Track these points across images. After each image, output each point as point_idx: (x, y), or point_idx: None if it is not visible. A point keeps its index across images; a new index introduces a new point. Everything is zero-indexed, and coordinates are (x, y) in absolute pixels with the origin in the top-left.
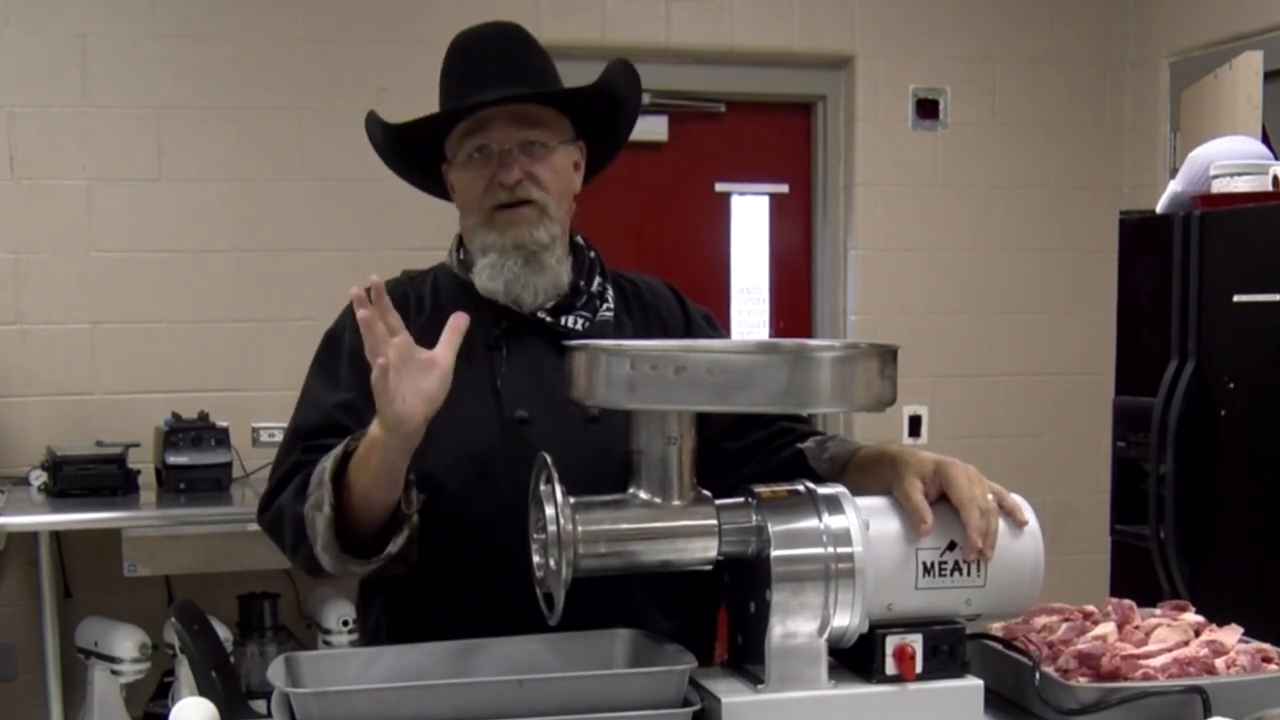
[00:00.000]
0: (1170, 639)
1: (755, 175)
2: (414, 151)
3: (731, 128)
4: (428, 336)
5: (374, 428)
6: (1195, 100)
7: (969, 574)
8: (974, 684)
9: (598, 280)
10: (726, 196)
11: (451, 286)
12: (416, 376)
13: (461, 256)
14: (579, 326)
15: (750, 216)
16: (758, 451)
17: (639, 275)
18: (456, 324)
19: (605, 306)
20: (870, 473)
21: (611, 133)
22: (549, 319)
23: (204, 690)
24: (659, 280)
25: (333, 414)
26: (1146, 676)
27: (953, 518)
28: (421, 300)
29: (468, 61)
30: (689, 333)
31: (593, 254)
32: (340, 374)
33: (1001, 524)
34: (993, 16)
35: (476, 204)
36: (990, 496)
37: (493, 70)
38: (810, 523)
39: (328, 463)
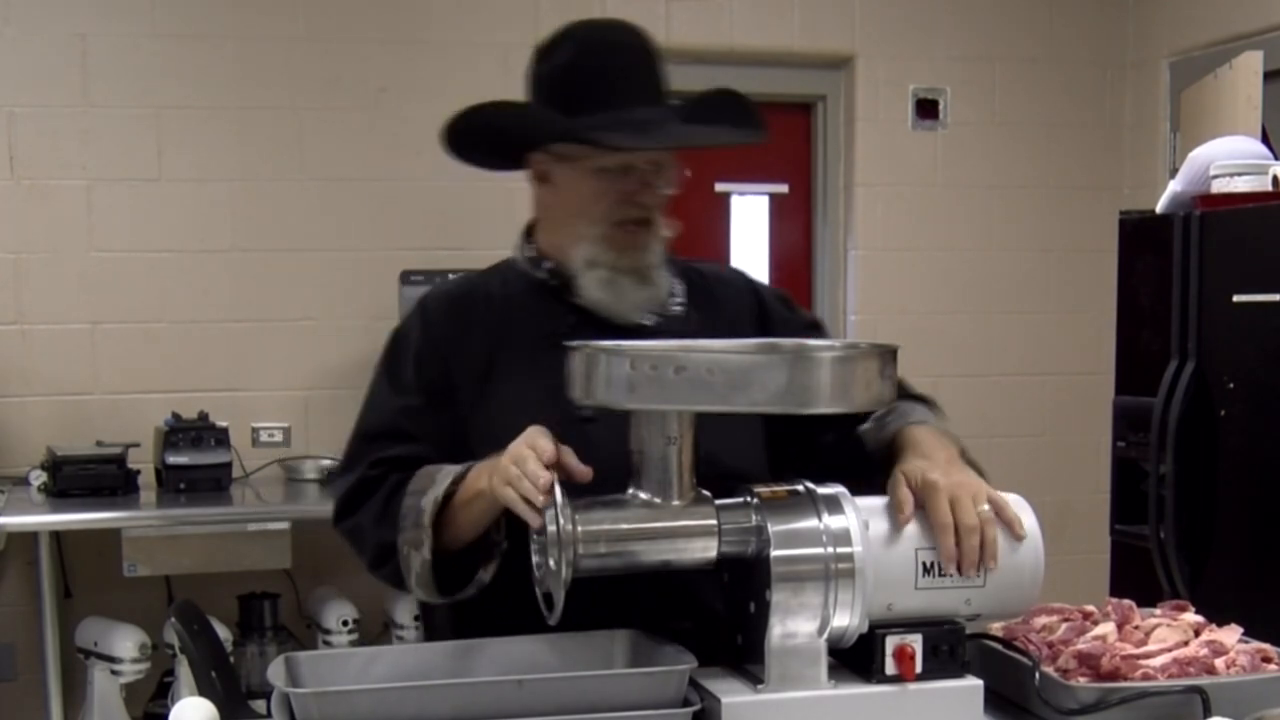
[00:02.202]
0: (1170, 639)
1: (755, 175)
2: (499, 137)
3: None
4: (493, 331)
5: (483, 482)
6: (1195, 100)
7: (969, 574)
8: (974, 684)
9: (667, 275)
10: (726, 196)
11: (520, 283)
12: None
13: (531, 254)
14: (648, 323)
15: (750, 216)
16: (839, 420)
17: (708, 264)
18: (580, 473)
19: (675, 301)
20: (893, 461)
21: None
22: (623, 322)
23: (204, 690)
24: (730, 268)
25: (397, 419)
26: (1146, 676)
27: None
28: (490, 298)
29: (610, 69)
30: (763, 317)
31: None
32: (405, 376)
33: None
34: (993, 16)
35: (600, 215)
36: (986, 508)
37: (640, 86)
38: (810, 523)
39: (427, 505)
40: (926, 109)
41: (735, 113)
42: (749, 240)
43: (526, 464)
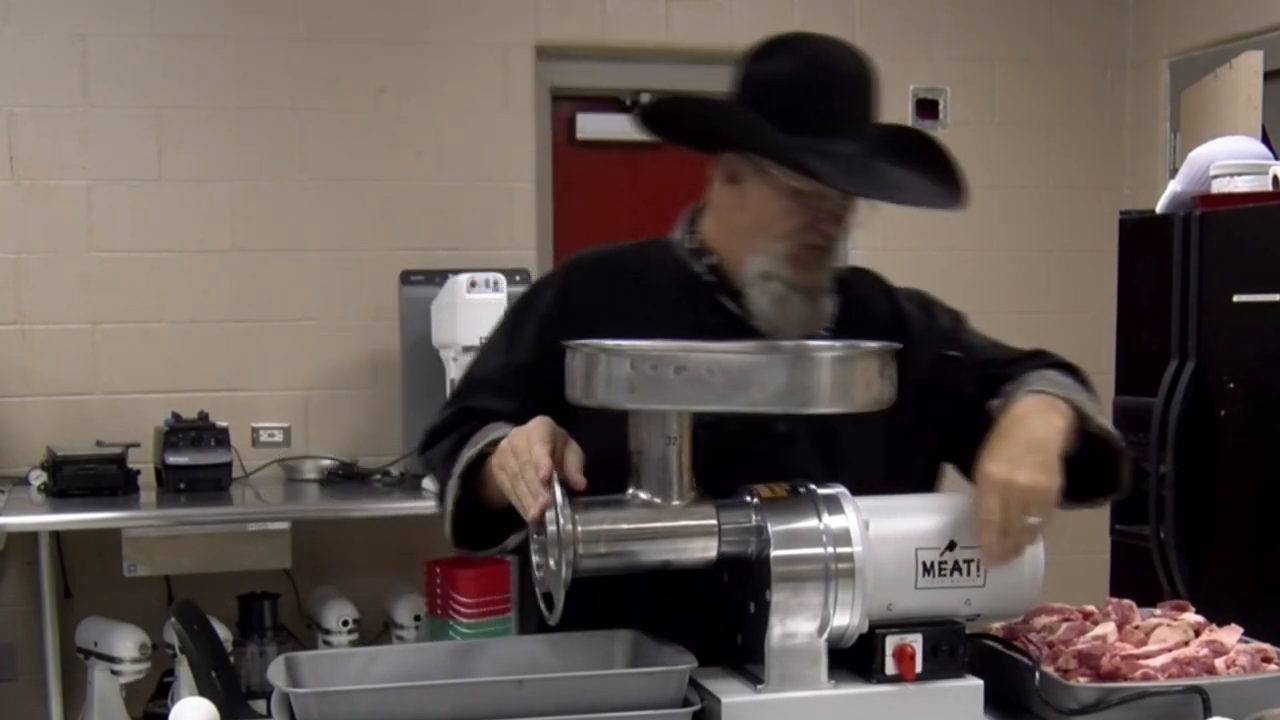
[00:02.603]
0: (1170, 639)
1: None
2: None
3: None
4: (629, 308)
5: (494, 467)
6: (1195, 100)
7: (969, 574)
8: (974, 684)
9: (833, 304)
10: None
11: (673, 269)
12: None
13: (694, 246)
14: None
15: None
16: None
17: (852, 274)
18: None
19: (825, 327)
20: None
21: None
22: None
23: (204, 690)
24: (867, 277)
25: (502, 373)
26: (1146, 676)
27: (956, 517)
28: (639, 276)
29: (829, 97)
30: (903, 333)
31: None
32: (525, 333)
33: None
34: (993, 16)
35: (784, 234)
36: (1033, 520)
37: (851, 117)
38: (810, 523)
39: (464, 458)
40: (926, 109)
41: (932, 160)
42: None
43: (528, 452)
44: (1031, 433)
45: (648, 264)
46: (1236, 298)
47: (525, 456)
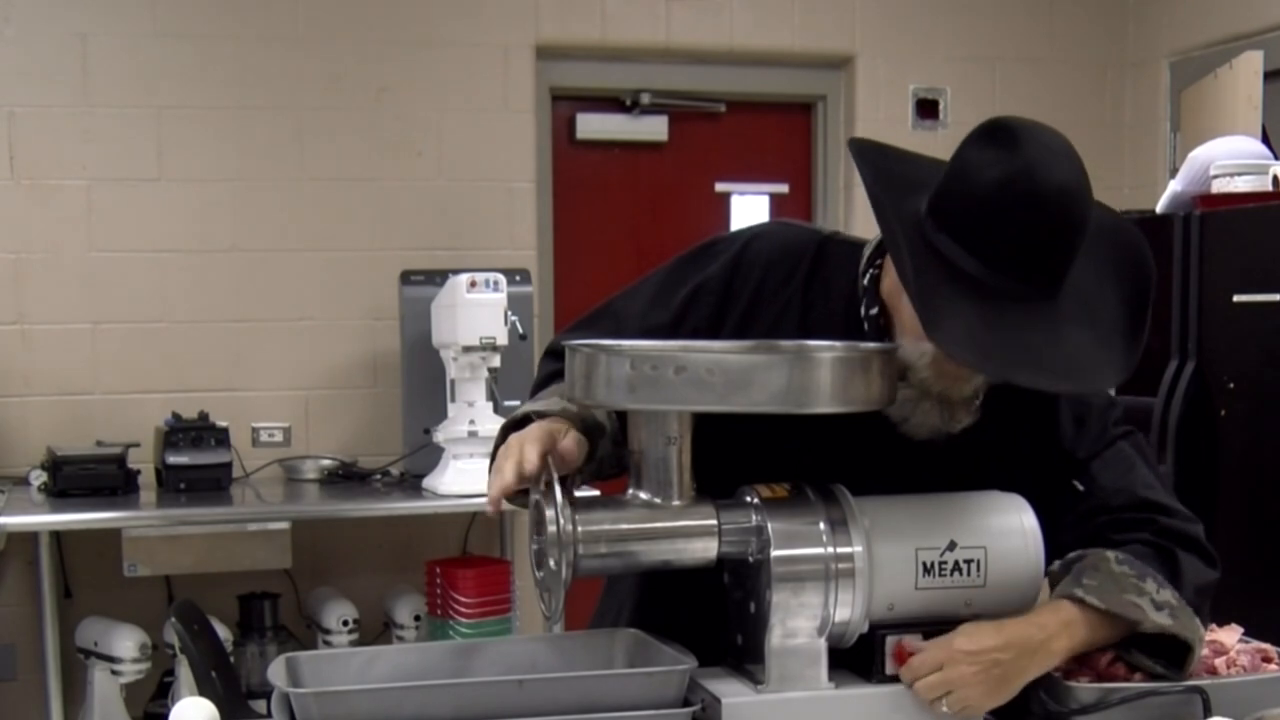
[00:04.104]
0: None
1: (755, 175)
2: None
3: (731, 128)
4: (790, 316)
5: (512, 444)
6: (1195, 100)
7: (969, 574)
8: None
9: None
10: (726, 196)
11: (843, 289)
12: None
13: (869, 283)
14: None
15: (750, 216)
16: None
17: None
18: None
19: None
20: None
21: None
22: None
23: (204, 690)
24: None
25: (633, 323)
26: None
27: (956, 517)
28: (811, 280)
29: (1026, 262)
30: (1044, 441)
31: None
32: (676, 294)
33: (1002, 523)
34: (993, 16)
35: (930, 379)
36: (941, 709)
37: (1032, 289)
38: (810, 523)
39: (514, 415)
40: (926, 109)
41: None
42: None
43: (518, 451)
44: (1021, 642)
45: (827, 269)
46: (1236, 298)
47: (515, 455)
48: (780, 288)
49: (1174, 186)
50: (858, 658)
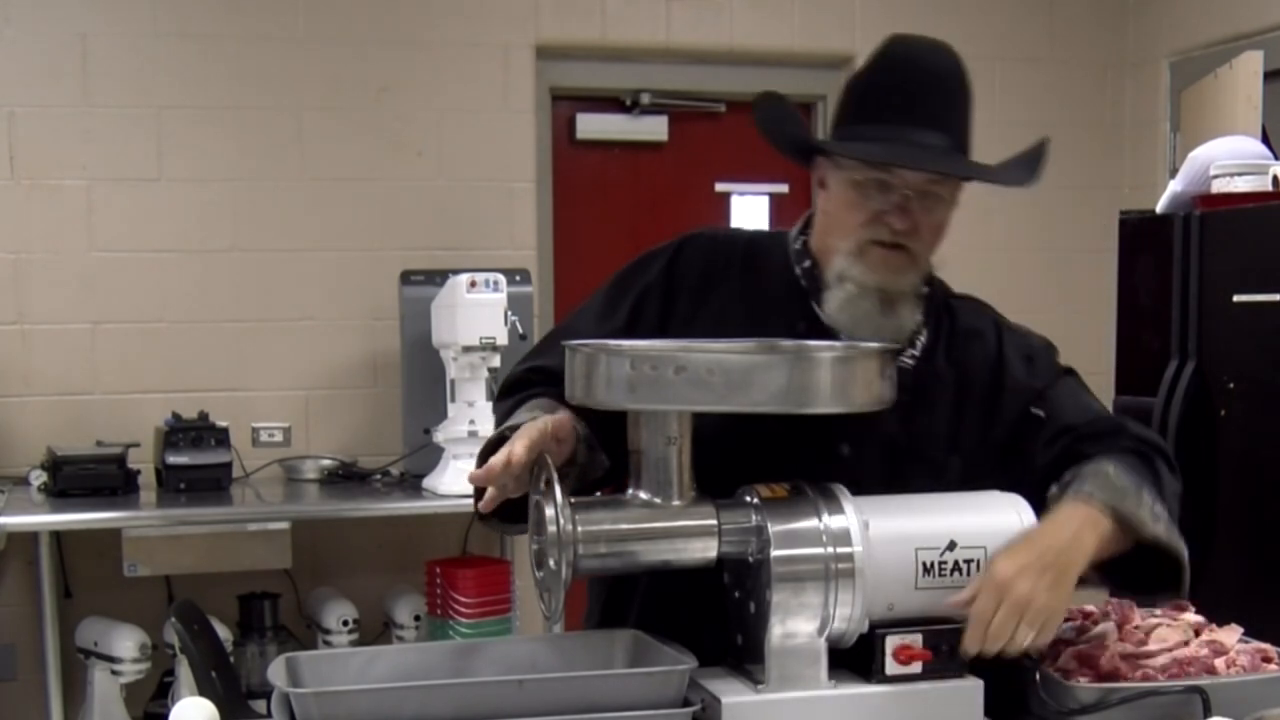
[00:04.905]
0: (1170, 639)
1: (755, 175)
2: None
3: (731, 128)
4: (731, 299)
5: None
6: (1195, 100)
7: (969, 574)
8: (974, 684)
9: (917, 319)
10: (726, 196)
11: (779, 269)
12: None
13: (799, 247)
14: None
15: (750, 216)
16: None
17: (965, 304)
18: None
19: (910, 352)
20: None
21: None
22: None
23: (204, 690)
24: (983, 312)
25: (587, 334)
26: (1146, 676)
27: (956, 517)
28: (747, 268)
29: (899, 85)
30: (995, 380)
31: (925, 289)
32: (623, 302)
33: (1002, 523)
34: (993, 16)
35: (852, 231)
36: (1025, 636)
37: (923, 107)
38: (810, 523)
39: (492, 434)
40: None
41: (1025, 158)
42: None
43: (507, 450)
44: (1054, 542)
45: (759, 256)
46: (1236, 298)
47: (504, 454)
48: (719, 280)
49: (1174, 186)
50: (858, 658)
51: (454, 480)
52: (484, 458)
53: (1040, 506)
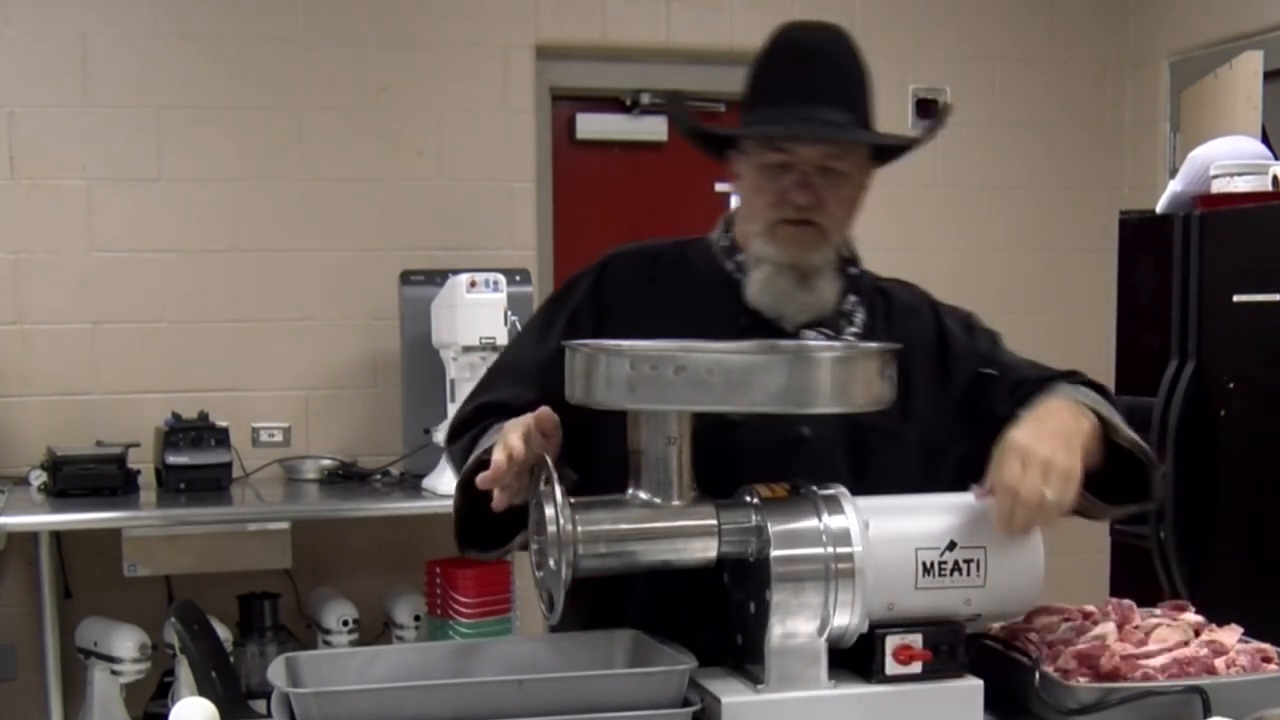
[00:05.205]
0: (1170, 639)
1: None
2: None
3: (732, 127)
4: (664, 307)
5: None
6: (1195, 100)
7: (969, 574)
8: (974, 684)
9: (851, 299)
10: (726, 196)
11: (708, 268)
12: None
13: (726, 244)
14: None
15: None
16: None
17: (897, 285)
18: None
19: (851, 330)
20: None
21: (897, 155)
22: (790, 329)
23: (204, 690)
24: (913, 290)
25: (529, 364)
26: (1146, 676)
27: (956, 517)
28: (673, 270)
29: (792, 67)
30: (943, 350)
31: (854, 270)
32: (556, 325)
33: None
34: (993, 16)
35: (761, 213)
36: (1051, 495)
37: (818, 87)
38: (810, 523)
39: (469, 461)
40: (926, 109)
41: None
42: None
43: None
44: (1057, 421)
45: (686, 262)
46: (1236, 298)
47: (502, 452)
48: (649, 292)
49: (1174, 186)
50: (858, 658)
51: (454, 480)
52: (465, 492)
53: None
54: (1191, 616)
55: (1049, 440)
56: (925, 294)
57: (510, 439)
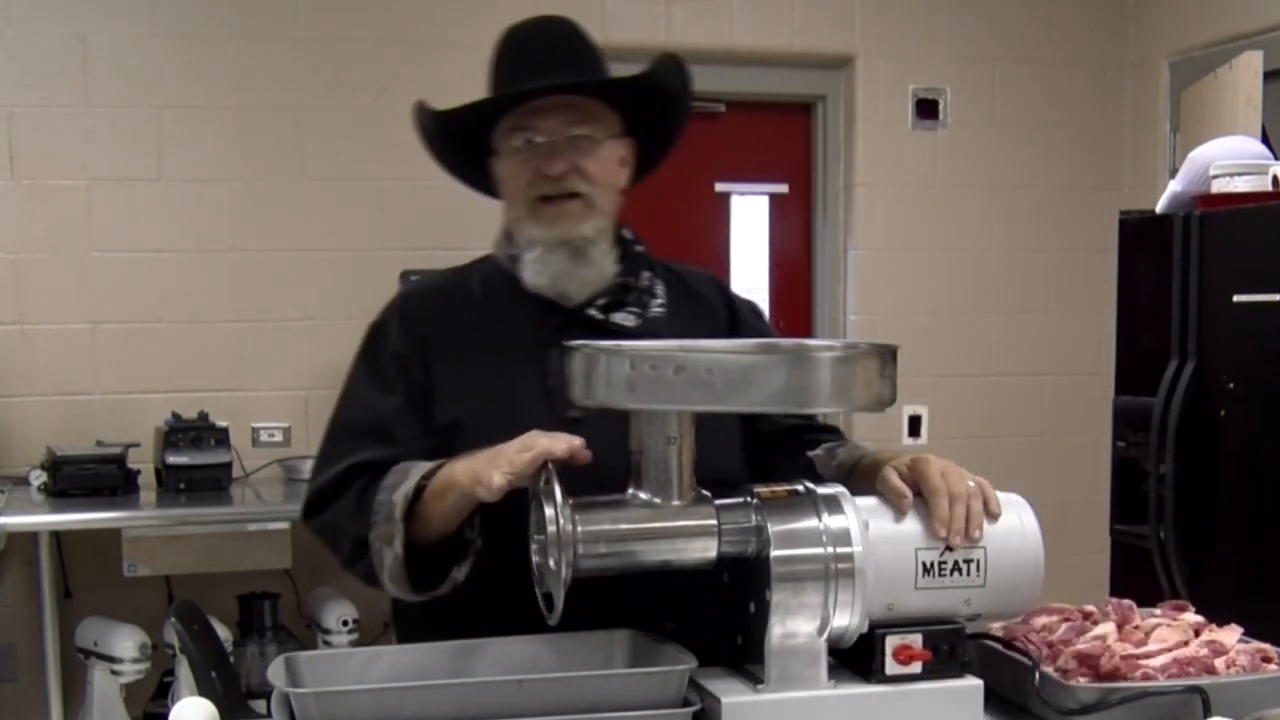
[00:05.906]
0: (1170, 639)
1: (755, 175)
2: (462, 143)
3: (731, 128)
4: (475, 330)
5: (458, 473)
6: (1195, 100)
7: (969, 574)
8: (974, 684)
9: (647, 275)
10: (726, 196)
11: (499, 280)
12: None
13: (510, 250)
14: (630, 324)
15: (750, 216)
16: (788, 442)
17: (683, 265)
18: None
19: (657, 303)
20: (868, 478)
21: (661, 132)
22: (599, 316)
23: (204, 690)
24: (702, 273)
25: (381, 418)
26: (1146, 676)
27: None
28: (470, 293)
29: (517, 52)
30: (734, 326)
31: (640, 248)
32: (388, 374)
33: (1002, 523)
34: (993, 16)
35: (522, 195)
36: (971, 484)
37: (543, 60)
38: (810, 523)
39: (399, 499)
40: (926, 109)
41: (668, 79)
42: (748, 240)
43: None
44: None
45: (477, 283)
46: (1236, 298)
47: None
48: (450, 320)
49: (1174, 186)
50: (858, 658)
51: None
52: (406, 522)
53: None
54: (1191, 616)
55: (958, 470)
56: (711, 274)
57: (558, 439)
